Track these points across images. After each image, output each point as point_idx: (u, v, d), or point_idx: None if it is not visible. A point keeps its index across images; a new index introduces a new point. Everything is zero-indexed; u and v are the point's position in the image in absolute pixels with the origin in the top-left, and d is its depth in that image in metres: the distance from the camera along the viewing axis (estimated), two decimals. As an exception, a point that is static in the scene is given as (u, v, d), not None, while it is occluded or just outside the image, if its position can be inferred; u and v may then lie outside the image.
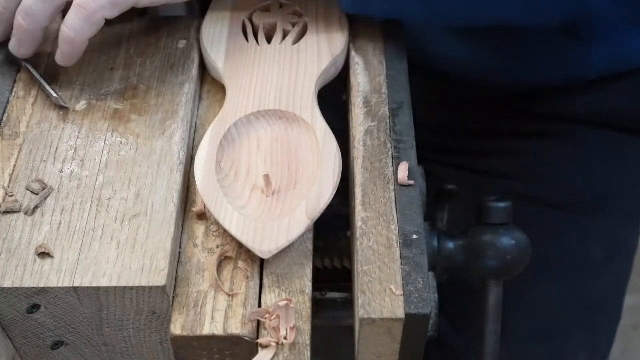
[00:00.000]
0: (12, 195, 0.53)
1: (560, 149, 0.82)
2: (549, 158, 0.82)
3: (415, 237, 0.51)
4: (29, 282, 0.48)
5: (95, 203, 0.52)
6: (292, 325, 0.50)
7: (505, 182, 0.74)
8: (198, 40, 0.63)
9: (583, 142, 0.82)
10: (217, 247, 0.53)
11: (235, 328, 0.49)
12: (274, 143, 0.57)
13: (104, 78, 0.60)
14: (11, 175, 0.54)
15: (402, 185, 0.54)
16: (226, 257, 0.53)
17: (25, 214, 0.52)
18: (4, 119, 0.58)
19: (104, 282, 0.48)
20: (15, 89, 0.60)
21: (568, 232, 0.81)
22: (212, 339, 0.50)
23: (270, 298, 0.52)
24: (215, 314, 0.50)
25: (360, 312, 0.48)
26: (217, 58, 0.62)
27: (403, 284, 0.49)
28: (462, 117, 0.86)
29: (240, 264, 0.52)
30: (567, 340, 0.80)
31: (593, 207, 0.81)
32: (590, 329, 0.81)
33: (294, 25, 0.64)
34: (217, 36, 0.63)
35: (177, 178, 0.54)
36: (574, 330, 0.80)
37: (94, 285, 0.48)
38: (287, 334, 0.50)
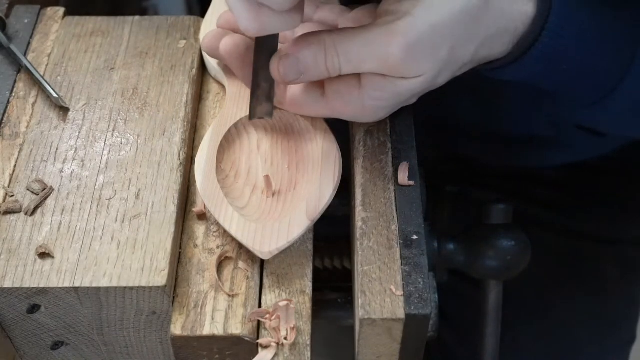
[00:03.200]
0: (12, 196, 0.53)
1: (576, 176, 0.82)
2: (564, 184, 0.82)
3: (415, 237, 0.51)
4: (29, 282, 0.48)
5: (95, 203, 0.52)
6: (292, 326, 0.50)
7: (519, 205, 0.75)
8: (198, 40, 0.63)
9: (598, 169, 0.82)
10: (217, 247, 0.53)
11: (236, 328, 0.49)
12: (274, 143, 0.57)
13: (103, 78, 0.60)
14: (11, 175, 0.54)
15: (402, 186, 0.54)
16: (226, 258, 0.53)
17: (26, 214, 0.52)
18: (4, 119, 0.58)
19: (104, 283, 0.48)
20: (15, 89, 0.60)
21: (583, 254, 0.81)
22: (212, 339, 0.50)
23: (270, 298, 0.52)
24: (216, 314, 0.50)
25: (360, 312, 0.48)
26: (217, 58, 0.62)
27: (403, 284, 0.49)
28: (472, 154, 0.85)
29: (241, 264, 0.52)
30: (580, 358, 0.80)
31: (610, 231, 0.81)
32: (603, 347, 0.81)
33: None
34: (217, 36, 0.63)
35: (177, 178, 0.54)
36: (587, 349, 0.80)
37: (94, 285, 0.48)
38: (287, 334, 0.50)
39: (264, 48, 0.54)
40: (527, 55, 0.51)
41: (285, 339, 0.50)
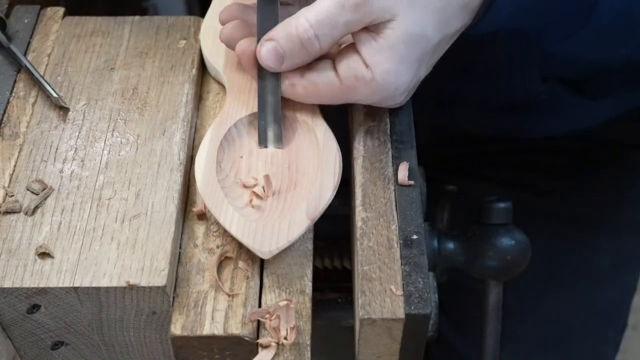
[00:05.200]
0: (12, 196, 0.53)
1: (571, 165, 0.82)
2: (558, 173, 0.82)
3: (415, 237, 0.51)
4: (29, 282, 0.48)
5: (95, 203, 0.52)
6: (292, 326, 0.50)
7: (514, 194, 0.75)
8: (198, 40, 0.63)
9: (593, 158, 0.82)
10: (217, 247, 0.53)
11: (236, 328, 0.50)
12: (274, 143, 0.57)
13: (104, 78, 0.60)
14: (11, 175, 0.54)
15: (402, 185, 0.54)
16: (226, 257, 0.53)
17: (26, 214, 0.52)
18: (4, 119, 0.58)
19: (104, 282, 0.48)
20: (15, 89, 0.60)
21: (577, 243, 0.81)
22: (212, 339, 0.50)
23: (270, 298, 0.52)
24: (216, 314, 0.50)
25: (360, 312, 0.48)
26: (217, 58, 0.62)
27: (403, 284, 0.49)
28: (471, 127, 0.86)
29: (241, 264, 0.52)
30: (575, 349, 0.81)
31: (602, 220, 0.81)
32: (597, 338, 0.82)
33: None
34: (217, 36, 0.63)
35: (177, 178, 0.54)
36: (582, 339, 0.81)
37: (94, 285, 0.48)
38: (287, 334, 0.50)
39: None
40: None
41: (285, 338, 0.50)
